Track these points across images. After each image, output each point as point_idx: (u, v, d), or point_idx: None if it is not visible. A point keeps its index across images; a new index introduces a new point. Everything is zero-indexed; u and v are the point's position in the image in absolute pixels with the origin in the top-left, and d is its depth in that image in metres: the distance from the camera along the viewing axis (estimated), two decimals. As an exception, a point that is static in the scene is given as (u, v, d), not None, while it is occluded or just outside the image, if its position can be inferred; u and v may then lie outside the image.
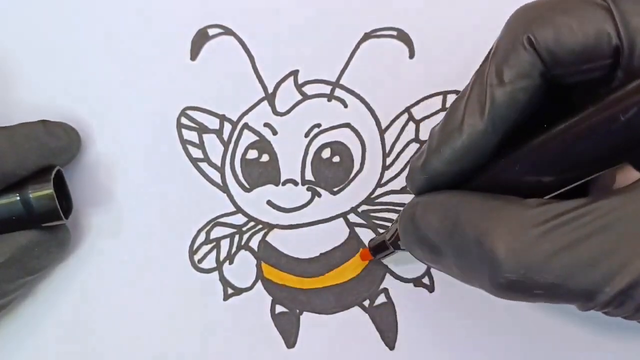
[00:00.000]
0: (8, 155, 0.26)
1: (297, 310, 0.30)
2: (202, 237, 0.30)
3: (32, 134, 0.27)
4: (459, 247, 0.20)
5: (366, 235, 0.30)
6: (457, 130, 0.21)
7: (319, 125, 0.30)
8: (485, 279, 0.19)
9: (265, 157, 0.30)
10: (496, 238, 0.18)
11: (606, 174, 0.21)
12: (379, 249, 0.28)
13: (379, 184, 0.30)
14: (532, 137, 0.20)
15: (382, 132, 0.30)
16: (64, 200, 0.29)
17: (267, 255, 0.30)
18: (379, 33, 0.30)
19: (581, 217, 0.18)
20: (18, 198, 0.27)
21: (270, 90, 0.30)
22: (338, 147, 0.30)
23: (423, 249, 0.22)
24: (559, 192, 0.20)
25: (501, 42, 0.20)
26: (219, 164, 0.30)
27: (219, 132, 0.30)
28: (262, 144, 0.30)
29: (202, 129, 0.30)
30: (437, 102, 0.30)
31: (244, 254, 0.30)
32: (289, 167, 0.30)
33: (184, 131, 0.30)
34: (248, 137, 0.30)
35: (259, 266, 0.30)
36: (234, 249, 0.30)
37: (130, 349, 0.30)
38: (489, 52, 0.21)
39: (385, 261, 0.30)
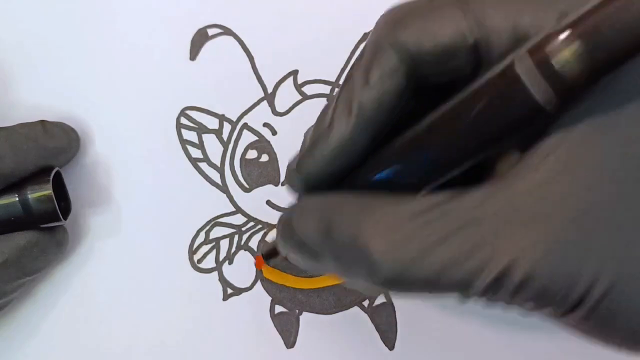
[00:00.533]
0: (6, 155, 0.26)
1: (297, 311, 0.30)
2: (201, 237, 0.30)
3: (30, 134, 0.27)
4: (335, 249, 0.20)
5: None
6: (326, 133, 0.21)
7: (318, 125, 0.30)
8: (366, 278, 0.19)
9: (264, 157, 0.30)
10: (370, 237, 0.19)
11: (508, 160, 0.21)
12: (271, 254, 0.28)
13: (378, 184, 0.30)
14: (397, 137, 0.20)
15: (381, 132, 0.30)
16: (62, 201, 0.29)
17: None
18: (378, 33, 0.30)
19: (448, 213, 0.18)
20: (17, 199, 0.27)
21: (269, 90, 0.30)
22: (338, 147, 0.30)
23: (303, 254, 0.22)
24: (434, 184, 0.21)
25: (368, 45, 0.20)
26: (218, 164, 0.30)
27: (218, 132, 0.30)
28: (261, 144, 0.30)
29: (201, 129, 0.30)
30: (436, 102, 0.30)
31: (243, 254, 0.30)
32: (289, 167, 0.30)
33: (184, 131, 0.30)
34: (247, 137, 0.30)
35: (258, 266, 0.30)
36: (233, 249, 0.30)
37: (130, 349, 0.30)
38: (358, 56, 0.21)
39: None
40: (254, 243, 0.30)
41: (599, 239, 0.17)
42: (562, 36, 0.16)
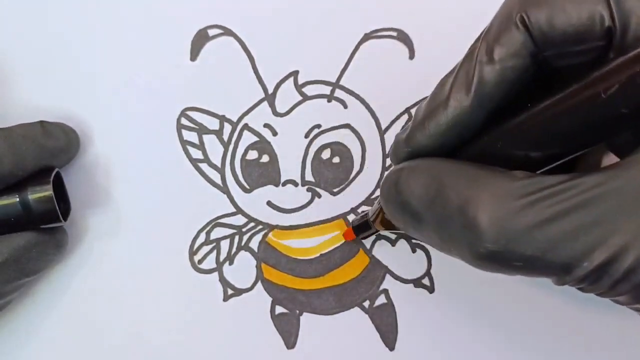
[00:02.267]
0: (6, 156, 0.26)
1: (297, 311, 0.30)
2: (202, 238, 0.30)
3: (30, 134, 0.27)
4: (440, 214, 0.20)
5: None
6: (443, 105, 0.21)
7: (319, 126, 0.30)
8: (465, 248, 0.19)
9: (265, 158, 0.30)
10: (480, 206, 0.18)
11: (593, 160, 0.21)
12: (362, 228, 0.28)
13: (379, 185, 0.30)
14: (516, 115, 0.20)
15: (382, 132, 0.30)
16: (62, 202, 0.28)
17: (267, 256, 0.30)
18: (379, 33, 0.30)
19: (564, 192, 0.18)
20: (17, 199, 0.27)
21: (270, 90, 0.30)
22: (338, 148, 0.30)
23: (404, 215, 0.21)
24: (545, 169, 0.21)
25: (495, 21, 0.20)
26: (219, 164, 0.30)
27: (218, 133, 0.30)
28: (262, 145, 0.30)
29: (202, 130, 0.30)
30: (437, 102, 0.30)
31: (244, 254, 0.30)
32: (289, 167, 0.30)
33: (184, 132, 0.30)
34: (248, 138, 0.30)
35: (259, 267, 0.30)
36: (234, 250, 0.30)
37: (130, 350, 0.29)
38: (483, 31, 0.21)
39: (385, 261, 0.30)
40: (254, 244, 0.30)
41: None
42: None
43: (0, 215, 0.27)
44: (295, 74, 0.30)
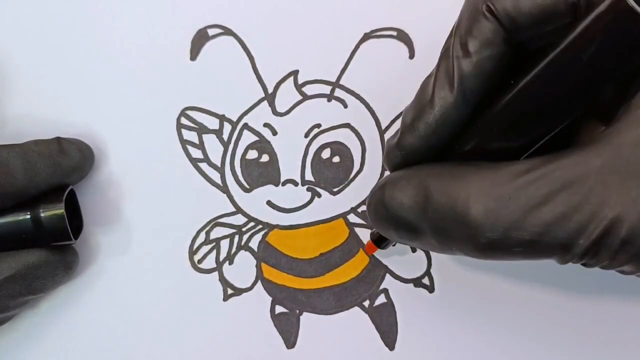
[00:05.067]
0: (20, 173, 0.26)
1: (297, 311, 0.30)
2: (202, 238, 0.30)
3: (45, 152, 0.27)
4: (434, 219, 0.20)
5: (366, 236, 0.30)
6: (429, 105, 0.21)
7: (318, 126, 0.30)
8: (466, 244, 0.19)
9: (265, 158, 0.30)
10: (470, 202, 0.19)
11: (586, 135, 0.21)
12: (382, 239, 0.28)
13: (379, 184, 0.30)
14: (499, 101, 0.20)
15: (382, 132, 0.30)
16: (74, 219, 0.29)
17: (266, 255, 0.30)
18: (379, 33, 0.30)
19: (550, 173, 0.18)
20: (29, 216, 0.27)
21: (270, 90, 0.30)
22: (338, 148, 0.30)
23: (399, 230, 0.22)
24: (529, 152, 0.21)
25: (463, 14, 0.21)
26: (218, 164, 0.30)
27: (218, 133, 0.30)
28: (262, 144, 0.30)
29: (201, 129, 0.30)
30: (437, 102, 0.30)
31: (243, 254, 0.30)
32: (289, 167, 0.30)
33: (184, 131, 0.30)
34: (248, 138, 0.30)
35: (258, 266, 0.30)
36: (233, 250, 0.30)
37: (129, 349, 0.30)
38: (453, 27, 0.21)
39: (385, 261, 0.30)
40: (254, 243, 0.30)
41: None
42: None
43: (11, 231, 0.27)
44: (295, 73, 0.30)
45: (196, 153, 0.30)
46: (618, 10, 0.17)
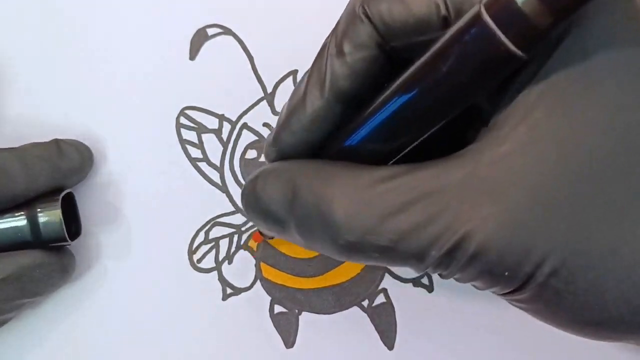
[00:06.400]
0: (19, 176, 0.26)
1: (296, 310, 0.30)
2: (201, 237, 0.30)
3: (44, 155, 0.27)
4: (300, 215, 0.20)
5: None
6: (301, 103, 0.21)
7: (318, 125, 0.30)
8: (327, 243, 0.20)
9: (264, 157, 0.30)
10: (333, 202, 0.19)
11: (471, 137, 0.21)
12: None
13: (378, 184, 0.30)
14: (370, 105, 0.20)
15: (381, 132, 0.30)
16: (72, 222, 0.29)
17: (266, 255, 0.30)
18: (378, 33, 0.30)
19: (410, 182, 0.18)
20: (25, 218, 0.27)
21: (269, 90, 0.30)
22: (337, 147, 0.30)
23: (267, 221, 0.22)
24: (398, 156, 0.21)
25: (343, 15, 0.21)
26: (218, 163, 0.30)
27: (218, 132, 0.30)
28: (261, 144, 0.30)
29: (201, 129, 0.30)
30: (436, 102, 0.30)
31: (243, 253, 0.30)
32: (288, 167, 0.30)
33: (183, 131, 0.30)
34: (247, 137, 0.30)
35: (258, 266, 0.30)
36: (233, 249, 0.30)
37: (128, 349, 0.30)
38: (335, 25, 0.21)
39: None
40: (253, 243, 0.30)
41: (555, 217, 0.17)
42: None
43: (8, 232, 0.27)
44: (294, 73, 0.30)
45: (195, 153, 0.30)
46: (477, 25, 0.17)
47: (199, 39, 0.30)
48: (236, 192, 0.30)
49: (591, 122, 0.17)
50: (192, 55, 0.30)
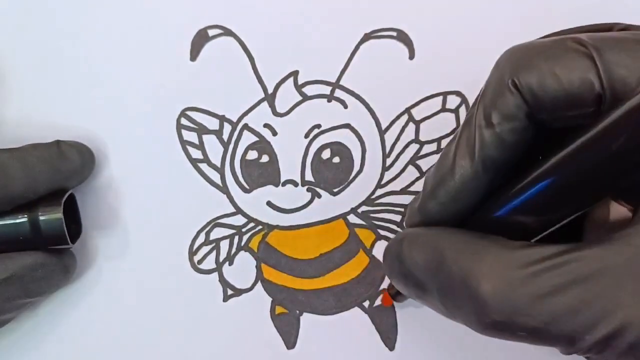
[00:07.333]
0: (19, 178, 0.26)
1: (297, 311, 0.30)
2: (201, 238, 0.30)
3: (44, 156, 0.27)
4: (444, 285, 0.20)
5: (366, 236, 0.30)
6: (449, 173, 0.21)
7: (319, 126, 0.30)
8: (470, 317, 0.19)
9: (265, 158, 0.30)
10: (482, 279, 0.19)
11: (601, 214, 0.21)
12: (398, 293, 0.28)
13: (379, 185, 0.30)
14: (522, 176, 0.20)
15: (382, 132, 0.30)
16: (73, 224, 0.28)
17: (266, 256, 0.30)
18: (379, 33, 0.30)
19: (565, 264, 0.18)
20: (27, 219, 0.27)
21: (270, 90, 0.30)
22: (338, 148, 0.30)
23: (408, 284, 0.22)
24: (546, 232, 0.21)
25: (489, 85, 0.21)
26: (218, 164, 0.30)
27: (218, 133, 0.30)
28: (262, 145, 0.30)
29: (201, 130, 0.30)
30: (437, 102, 0.30)
31: (243, 254, 0.30)
32: (289, 167, 0.30)
33: (184, 132, 0.30)
34: (248, 138, 0.30)
35: (258, 267, 0.30)
36: (233, 250, 0.30)
37: (129, 349, 0.29)
38: (478, 96, 0.21)
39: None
40: (254, 244, 0.30)
41: None
42: None
43: (9, 233, 0.27)
44: (295, 74, 0.30)
45: (196, 153, 0.30)
46: None
47: (200, 40, 0.30)
48: (237, 193, 0.30)
49: None
50: (193, 56, 0.30)
